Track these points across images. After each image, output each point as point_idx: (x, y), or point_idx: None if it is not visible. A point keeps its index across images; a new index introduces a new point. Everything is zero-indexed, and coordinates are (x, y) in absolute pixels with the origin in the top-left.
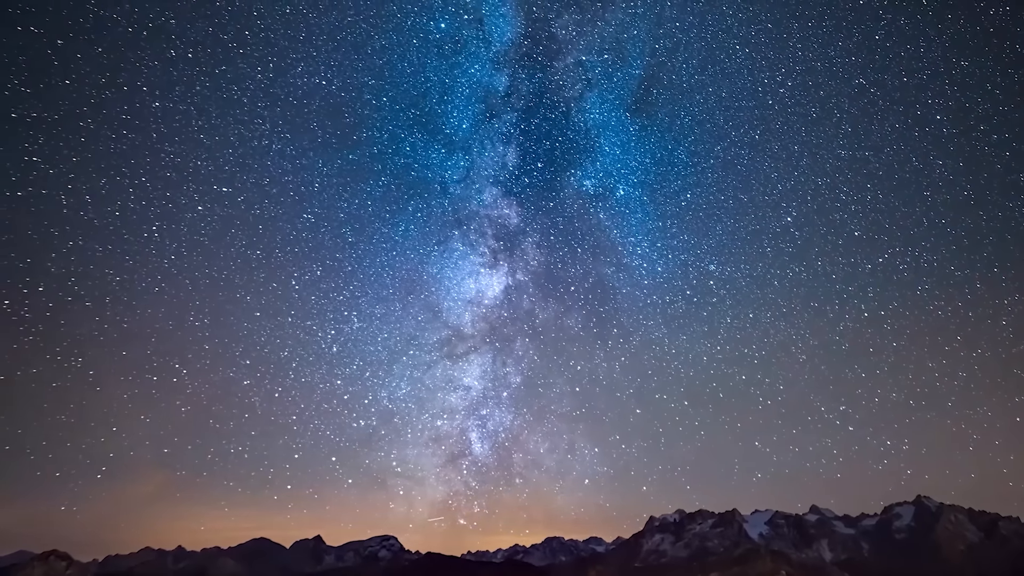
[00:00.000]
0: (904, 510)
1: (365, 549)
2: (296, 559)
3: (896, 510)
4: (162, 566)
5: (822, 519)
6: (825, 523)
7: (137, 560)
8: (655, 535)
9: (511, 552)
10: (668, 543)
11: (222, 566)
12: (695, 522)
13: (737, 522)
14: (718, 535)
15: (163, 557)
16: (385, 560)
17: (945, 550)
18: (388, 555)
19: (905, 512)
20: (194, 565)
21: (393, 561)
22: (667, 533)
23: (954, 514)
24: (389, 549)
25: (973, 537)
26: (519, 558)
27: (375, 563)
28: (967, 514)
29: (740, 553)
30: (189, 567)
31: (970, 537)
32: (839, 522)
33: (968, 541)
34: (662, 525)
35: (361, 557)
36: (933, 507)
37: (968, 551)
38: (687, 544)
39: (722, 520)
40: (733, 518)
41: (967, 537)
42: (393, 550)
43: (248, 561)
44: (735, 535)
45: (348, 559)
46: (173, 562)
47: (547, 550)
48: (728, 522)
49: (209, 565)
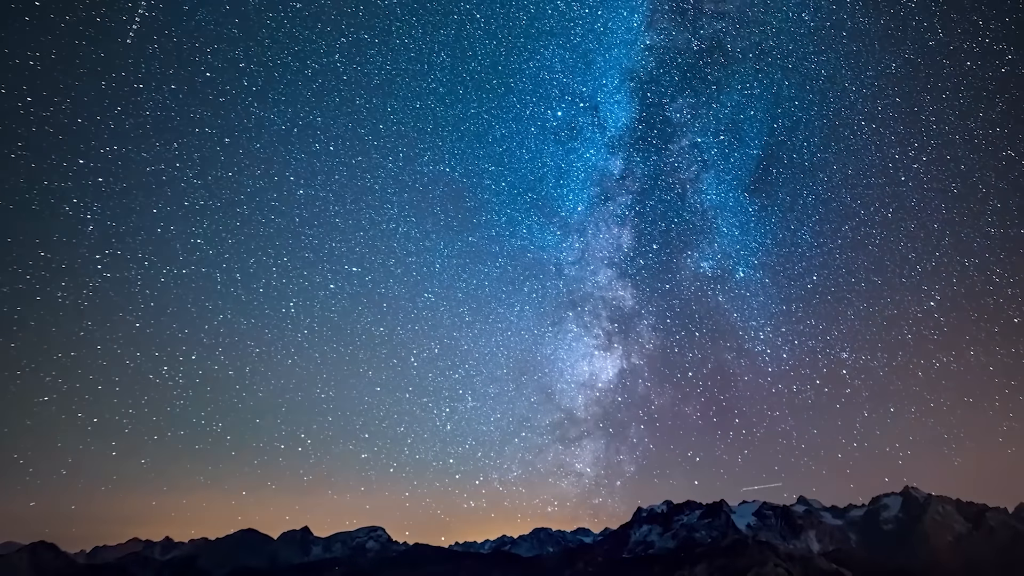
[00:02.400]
0: (892, 501)
1: (353, 540)
2: (284, 550)
3: (883, 501)
4: (150, 557)
5: (809, 510)
6: (813, 514)
7: (125, 551)
8: (642, 526)
9: (498, 543)
10: (656, 534)
11: (209, 557)
12: (682, 513)
13: (724, 513)
14: (705, 526)
15: (151, 548)
16: (373, 551)
17: (932, 541)
18: (376, 546)
19: (892, 503)
20: (182, 556)
21: (381, 552)
22: (655, 524)
23: (941, 505)
24: (377, 540)
25: (960, 528)
26: (506, 549)
27: (363, 554)
28: (954, 505)
29: (727, 544)
30: (177, 558)
31: (957, 528)
32: (827, 513)
33: (955, 532)
34: (650, 516)
35: (349, 548)
36: (921, 498)
37: (955, 542)
38: (675, 535)
39: (710, 511)
40: (720, 509)
41: (954, 528)
42: (381, 541)
43: (235, 552)
44: (723, 526)
45: (336, 550)
46: (161, 553)
47: (535, 541)
48: (715, 513)
49: (197, 556)
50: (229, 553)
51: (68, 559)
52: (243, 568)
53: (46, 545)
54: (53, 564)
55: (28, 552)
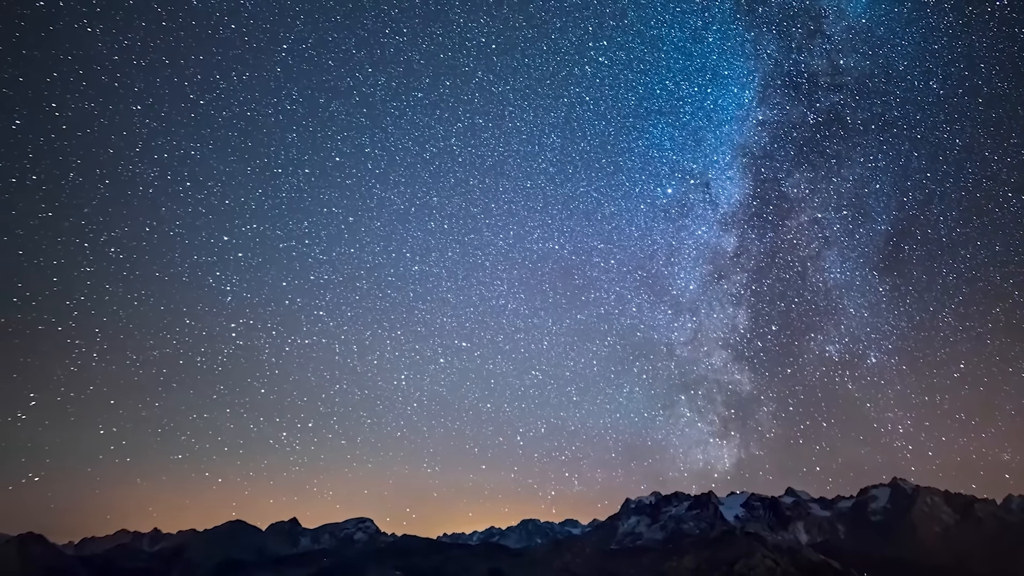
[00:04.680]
0: (880, 492)
1: (341, 531)
2: (272, 541)
3: (872, 492)
4: (138, 548)
5: (798, 501)
6: (801, 505)
7: (113, 542)
8: (631, 517)
9: (487, 534)
10: (644, 525)
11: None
12: (671, 504)
13: (713, 504)
14: (694, 517)
15: (139, 539)
16: (361, 542)
17: (921, 532)
18: (364, 537)
19: (881, 494)
20: (170, 547)
21: (369, 543)
22: (643, 516)
23: (930, 496)
24: (365, 531)
25: (948, 519)
26: (495, 540)
27: (351, 545)
28: (943, 496)
29: (716, 535)
30: (165, 549)
31: (945, 519)
32: (815, 504)
33: (944, 523)
34: (638, 507)
35: (337, 539)
36: (909, 489)
37: (943, 533)
38: (663, 526)
39: (698, 502)
40: (708, 500)
41: (943, 519)
42: (369, 532)
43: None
44: (711, 517)
45: (324, 541)
46: (149, 544)
47: (523, 532)
48: (704, 504)
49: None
50: (217, 544)
51: (57, 550)
52: (231, 559)
53: (35, 537)
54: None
55: (17, 543)
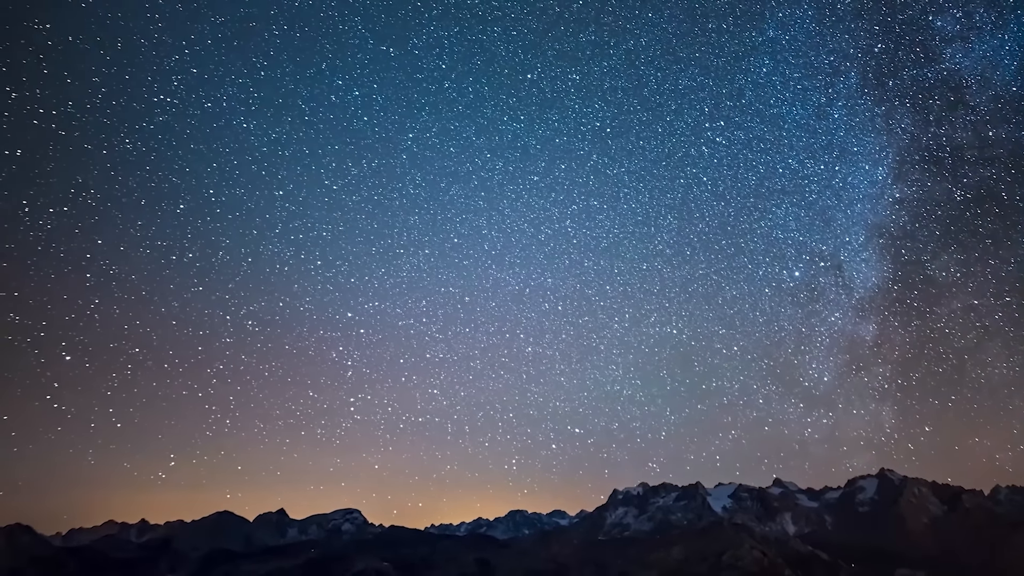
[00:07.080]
0: (867, 483)
1: (329, 522)
2: (260, 532)
3: (860, 483)
4: (126, 539)
5: (785, 492)
6: (788, 496)
7: (100, 533)
8: (619, 508)
9: (474, 525)
10: (632, 516)
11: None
12: (659, 495)
13: (700, 495)
14: (681, 508)
15: (127, 530)
16: (349, 533)
17: (908, 523)
18: (352, 528)
19: (868, 485)
20: (158, 538)
21: (357, 534)
22: (631, 506)
23: (917, 487)
24: (352, 522)
25: (936, 510)
26: (482, 531)
27: (339, 536)
28: (930, 487)
29: (703, 526)
30: (153, 540)
31: (933, 510)
32: (802, 495)
33: (931, 514)
34: (626, 498)
35: (325, 530)
36: (896, 480)
37: (931, 524)
38: (651, 517)
39: (685, 493)
40: (696, 491)
41: (930, 510)
42: (357, 523)
43: (211, 534)
44: (698, 508)
45: (312, 532)
46: (137, 535)
47: (510, 523)
48: (691, 495)
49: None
50: (205, 535)
51: (44, 541)
52: (219, 550)
53: (22, 527)
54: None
55: (4, 534)
